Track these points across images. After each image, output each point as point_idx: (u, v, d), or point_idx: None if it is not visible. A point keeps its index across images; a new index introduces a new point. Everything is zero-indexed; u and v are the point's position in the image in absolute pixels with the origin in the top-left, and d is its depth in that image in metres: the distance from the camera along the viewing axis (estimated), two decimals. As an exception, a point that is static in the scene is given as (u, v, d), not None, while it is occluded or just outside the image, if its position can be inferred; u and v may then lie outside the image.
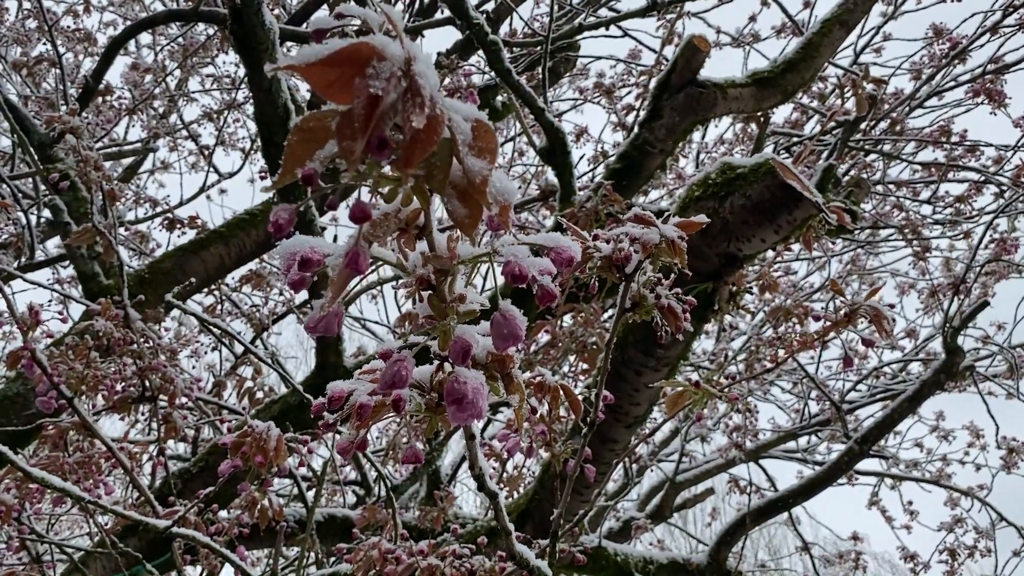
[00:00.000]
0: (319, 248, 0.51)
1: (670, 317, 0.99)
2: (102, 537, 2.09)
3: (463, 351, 0.51)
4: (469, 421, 0.52)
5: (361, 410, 0.59)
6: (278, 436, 1.25)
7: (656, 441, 5.15)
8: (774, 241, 1.36)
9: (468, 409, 0.51)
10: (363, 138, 0.39)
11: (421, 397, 0.66)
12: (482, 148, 0.44)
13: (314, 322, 0.52)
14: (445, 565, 1.30)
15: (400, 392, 0.61)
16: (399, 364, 0.51)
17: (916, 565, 3.97)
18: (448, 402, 0.51)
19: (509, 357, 0.61)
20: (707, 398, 1.26)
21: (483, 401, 0.52)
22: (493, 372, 0.63)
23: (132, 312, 2.04)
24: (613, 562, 2.91)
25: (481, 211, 0.47)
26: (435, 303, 0.57)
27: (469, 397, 0.51)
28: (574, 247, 0.54)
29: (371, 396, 0.61)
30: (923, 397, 3.23)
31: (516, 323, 0.52)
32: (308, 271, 0.51)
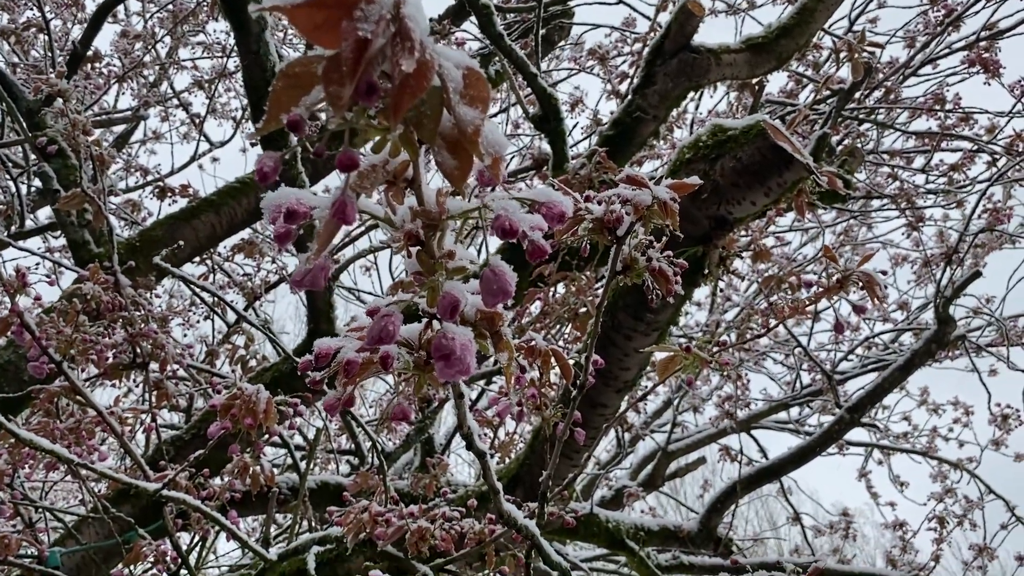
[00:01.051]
0: (305, 200, 0.51)
1: (661, 280, 0.99)
2: (95, 503, 2.10)
3: (451, 306, 0.50)
4: (457, 377, 0.52)
5: (348, 367, 0.58)
6: (268, 399, 1.25)
7: (649, 411, 5.18)
8: (764, 204, 1.35)
9: (456, 365, 0.51)
10: (351, 83, 0.38)
11: (410, 355, 0.65)
12: (474, 97, 0.44)
13: (300, 275, 0.52)
14: (435, 527, 1.31)
15: (388, 349, 0.61)
16: (386, 319, 0.51)
17: (904, 533, 4.01)
18: (436, 358, 0.51)
19: (498, 315, 0.61)
20: (697, 363, 1.26)
21: (471, 357, 0.52)
22: (482, 330, 0.62)
23: (122, 278, 2.03)
24: (605, 529, 2.94)
25: (472, 163, 0.47)
26: (424, 259, 0.56)
27: (457, 353, 0.50)
28: (565, 202, 0.54)
29: (359, 353, 0.61)
30: (914, 366, 3.25)
31: (506, 279, 0.51)
32: (294, 223, 0.51)
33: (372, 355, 0.61)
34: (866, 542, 14.53)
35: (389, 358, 0.59)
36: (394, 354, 0.60)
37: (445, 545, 1.33)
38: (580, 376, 1.29)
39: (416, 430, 2.94)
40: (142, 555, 1.95)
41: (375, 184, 0.49)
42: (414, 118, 0.43)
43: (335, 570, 1.70)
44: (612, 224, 0.97)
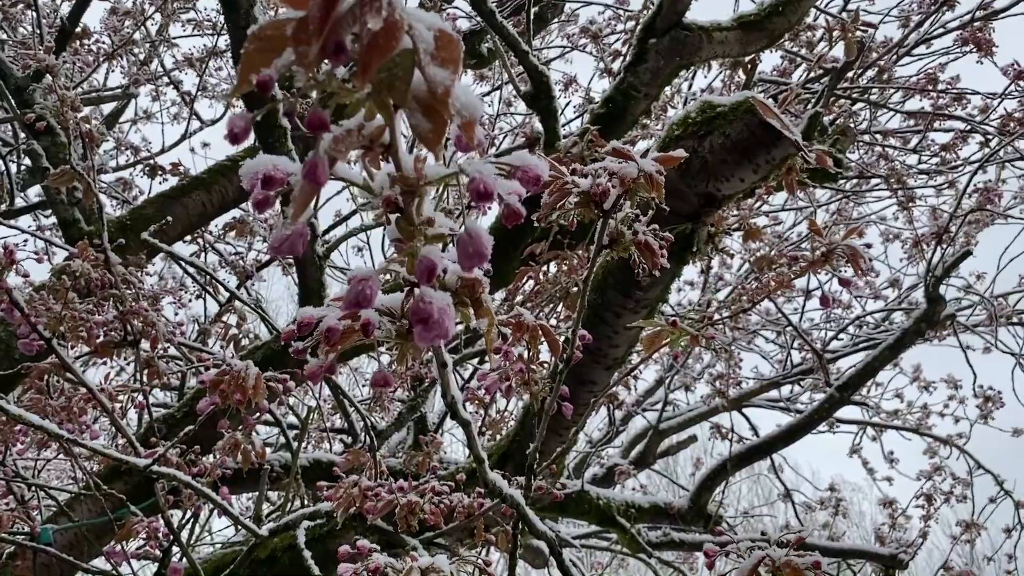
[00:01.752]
0: (282, 167, 0.51)
1: (647, 253, 0.99)
2: (87, 480, 2.10)
3: (428, 271, 0.50)
4: (435, 341, 0.52)
5: (329, 333, 0.59)
6: (257, 375, 1.25)
7: (640, 390, 5.20)
8: (753, 181, 1.36)
9: (434, 329, 0.51)
10: (318, 42, 0.38)
11: (392, 324, 0.66)
12: (445, 59, 0.44)
13: (278, 242, 0.52)
14: (424, 501, 1.32)
15: (369, 316, 0.61)
16: (363, 283, 0.51)
17: (894, 511, 4.05)
18: (414, 322, 0.51)
19: (478, 282, 0.61)
20: (683, 337, 1.26)
21: (449, 322, 0.52)
22: (463, 297, 0.63)
23: (112, 256, 2.02)
24: (596, 506, 2.96)
25: (445, 126, 0.47)
26: (403, 226, 0.56)
27: (435, 317, 0.51)
28: (541, 166, 0.54)
29: (341, 321, 0.61)
30: (904, 346, 3.26)
31: (482, 242, 0.51)
32: (271, 189, 0.51)
33: (354, 323, 0.61)
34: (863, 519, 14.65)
35: (370, 325, 0.59)
36: (375, 321, 0.60)
37: (434, 519, 1.34)
38: (567, 351, 1.29)
39: (408, 408, 2.95)
40: (134, 532, 1.96)
41: (350, 148, 0.49)
42: (386, 80, 0.43)
43: (326, 545, 1.71)
44: (599, 197, 0.97)
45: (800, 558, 0.95)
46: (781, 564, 0.94)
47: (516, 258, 2.46)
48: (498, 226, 2.51)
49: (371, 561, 0.95)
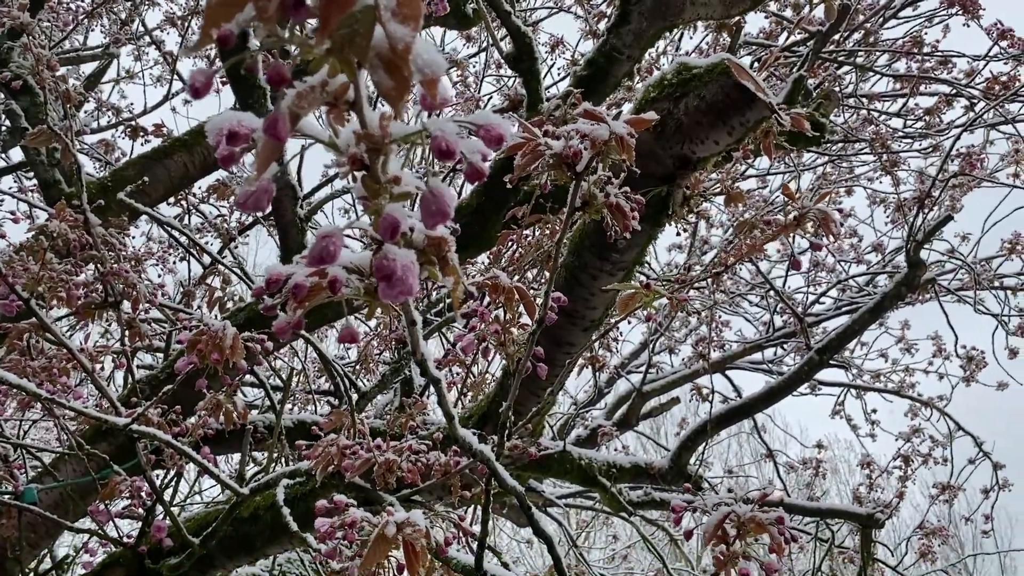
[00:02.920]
0: (247, 122, 0.51)
1: (618, 215, 1.00)
2: (71, 440, 2.11)
3: (391, 227, 0.51)
4: (399, 298, 0.53)
5: (296, 290, 0.59)
6: (234, 334, 1.26)
7: (625, 353, 5.24)
8: (728, 144, 1.36)
9: (398, 285, 0.52)
10: (277, -5, 0.38)
11: (361, 282, 0.66)
12: (406, 15, 0.44)
13: (244, 197, 0.53)
14: (402, 459, 1.33)
15: (336, 273, 0.62)
16: (327, 239, 0.52)
17: (872, 472, 4.12)
18: (378, 278, 0.52)
19: (444, 240, 0.61)
20: (657, 299, 1.28)
21: (413, 278, 0.53)
22: (430, 256, 0.63)
23: (92, 217, 2.02)
24: (577, 466, 2.99)
25: (408, 83, 0.47)
26: (369, 184, 0.57)
27: (398, 273, 0.52)
28: (505, 125, 0.54)
29: (309, 278, 0.62)
30: (884, 309, 3.29)
31: (444, 200, 0.52)
32: (236, 145, 0.51)
33: (321, 280, 0.62)
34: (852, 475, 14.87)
35: (337, 282, 0.60)
36: (342, 278, 0.61)
37: (412, 477, 1.36)
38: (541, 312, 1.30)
39: (392, 370, 2.97)
40: (117, 491, 1.98)
41: (313, 105, 0.49)
42: (347, 36, 0.44)
43: (307, 504, 1.73)
44: (571, 159, 0.98)
45: (765, 514, 0.97)
46: (746, 519, 0.97)
47: (498, 222, 2.46)
48: (480, 191, 2.51)
49: (347, 515, 0.97)
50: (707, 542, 0.99)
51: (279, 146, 0.48)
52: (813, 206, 1.22)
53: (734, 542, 0.99)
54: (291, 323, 0.62)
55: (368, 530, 0.94)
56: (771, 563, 0.96)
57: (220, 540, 2.04)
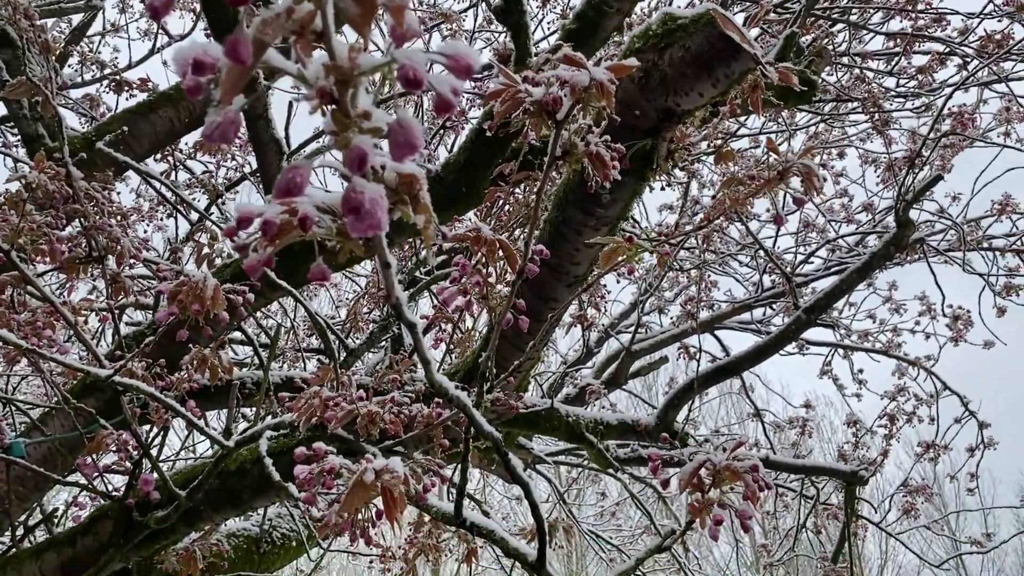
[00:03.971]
0: (212, 51, 0.50)
1: (598, 165, 0.99)
2: (59, 395, 2.11)
3: (359, 159, 0.51)
4: (368, 232, 0.53)
5: (266, 226, 0.59)
6: (215, 285, 1.25)
7: (616, 313, 5.25)
8: (712, 96, 1.35)
9: (366, 219, 0.52)
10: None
11: (334, 222, 0.66)
12: (370, -62, 0.43)
13: (210, 130, 0.52)
14: (384, 411, 1.34)
15: (307, 211, 0.62)
16: (295, 172, 0.51)
17: (858, 431, 4.16)
18: (345, 212, 0.51)
19: (416, 178, 0.61)
20: (639, 253, 1.27)
21: (381, 212, 0.52)
22: (402, 195, 0.63)
23: (74, 171, 2.00)
24: (565, 423, 3.01)
25: (374, 9, 0.46)
26: (338, 117, 0.56)
27: (366, 207, 0.51)
28: (473, 55, 0.53)
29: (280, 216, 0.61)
30: (872, 269, 3.30)
31: (412, 132, 0.51)
32: (202, 75, 0.50)
33: (292, 217, 0.61)
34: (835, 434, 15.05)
35: (308, 219, 0.60)
36: (313, 216, 0.60)
37: (394, 428, 1.36)
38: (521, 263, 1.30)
39: (380, 327, 2.97)
40: (104, 445, 1.98)
41: (279, 32, 0.48)
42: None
43: (292, 456, 1.73)
44: (551, 107, 0.97)
45: (739, 462, 0.98)
46: (721, 468, 0.97)
47: (486, 178, 2.45)
48: (469, 146, 2.49)
49: (326, 463, 0.97)
50: (682, 490, 1.00)
51: (243, 71, 0.47)
52: (796, 160, 1.21)
53: (709, 490, 0.99)
54: (262, 260, 0.61)
55: (347, 477, 0.94)
56: (744, 510, 0.97)
57: (207, 493, 2.05)
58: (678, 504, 6.11)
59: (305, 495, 0.97)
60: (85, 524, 2.18)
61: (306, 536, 3.08)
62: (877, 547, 17.49)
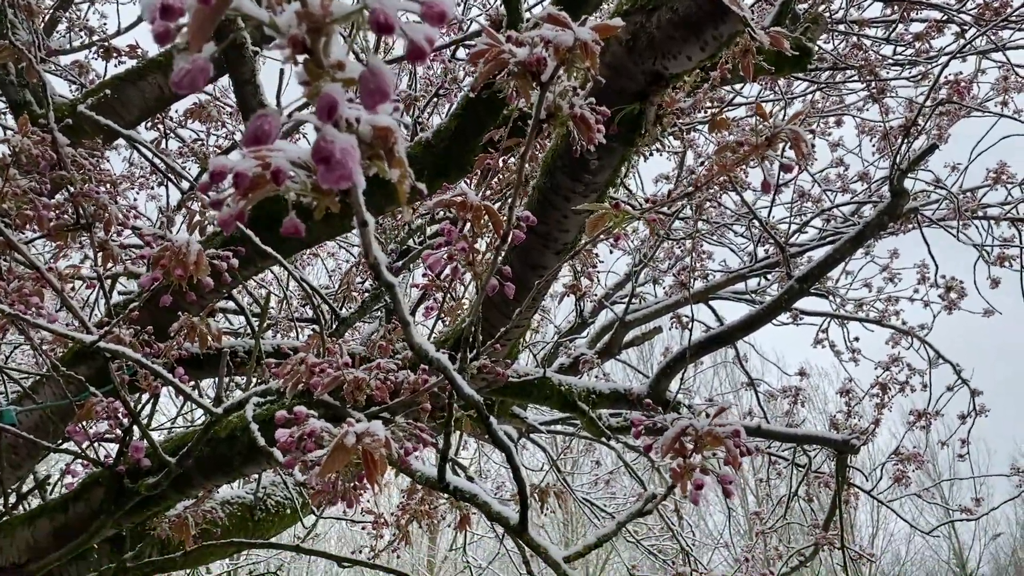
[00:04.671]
0: (181, -5, 0.49)
1: (583, 127, 0.98)
2: (49, 364, 2.11)
3: (328, 107, 0.50)
4: (340, 183, 0.52)
5: (237, 179, 0.58)
6: (199, 250, 1.24)
7: (610, 284, 5.25)
8: (700, 59, 1.33)
9: (337, 169, 0.51)
10: None
11: (309, 177, 0.65)
12: None
13: (179, 76, 0.51)
14: (371, 377, 1.33)
15: (280, 164, 0.61)
16: (263, 119, 0.50)
17: (850, 400, 4.17)
18: (315, 161, 0.50)
19: (390, 130, 0.60)
20: (626, 219, 1.27)
21: (353, 163, 0.51)
22: (377, 149, 0.62)
23: (60, 136, 1.98)
24: (557, 392, 3.02)
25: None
26: (311, 67, 0.55)
27: (336, 156, 0.50)
28: (448, 3, 0.52)
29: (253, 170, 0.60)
30: (866, 238, 3.29)
31: (383, 79, 0.50)
32: (171, 20, 0.49)
33: (265, 171, 0.60)
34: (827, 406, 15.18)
35: (280, 172, 0.59)
36: (285, 169, 0.59)
37: (381, 395, 1.36)
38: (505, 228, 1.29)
39: (371, 296, 2.96)
40: (93, 412, 1.98)
41: (247, -23, 0.47)
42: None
43: (281, 422, 1.73)
44: (535, 67, 0.96)
45: (721, 427, 0.98)
46: (703, 433, 0.97)
47: (478, 146, 2.43)
48: (460, 113, 2.47)
49: (307, 426, 0.97)
50: (663, 454, 1.00)
51: (211, 14, 0.46)
52: (785, 126, 1.20)
53: (691, 455, 0.99)
54: (234, 215, 0.60)
55: (329, 440, 0.94)
56: (726, 475, 0.97)
57: (198, 460, 2.06)
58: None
59: (287, 459, 0.97)
60: (77, 491, 2.19)
61: (300, 504, 3.10)
62: (869, 516, 17.68)
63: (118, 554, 2.40)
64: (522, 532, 1.02)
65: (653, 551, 5.01)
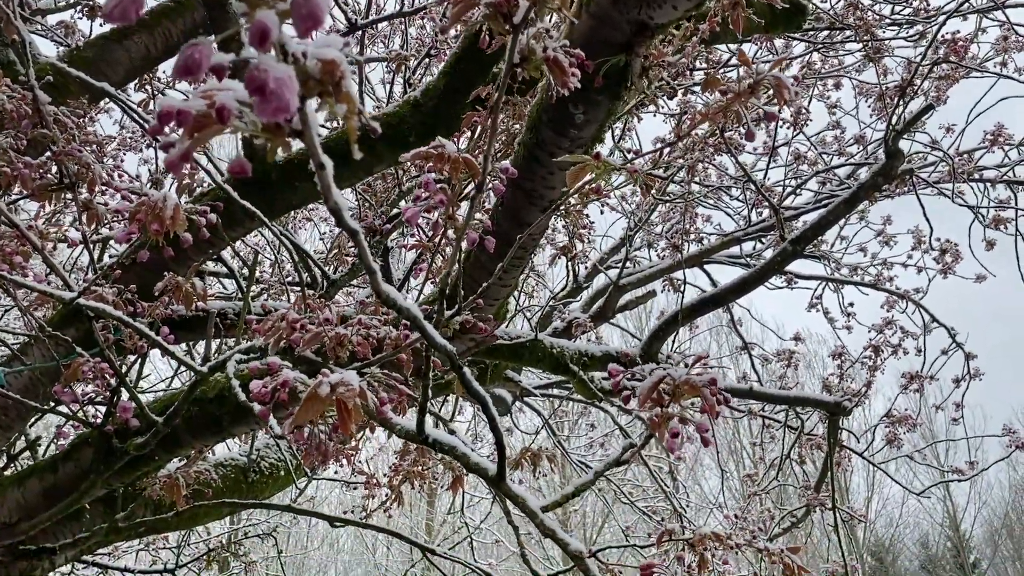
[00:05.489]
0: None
1: (556, 71, 0.96)
2: (35, 324, 2.10)
3: (259, 33, 0.48)
4: (276, 115, 0.50)
5: (181, 116, 0.56)
6: (175, 205, 1.23)
7: (606, 248, 5.23)
8: (687, 8, 1.30)
9: (272, 100, 0.49)
10: None
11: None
12: None
13: (109, 8, 0.49)
14: (352, 334, 1.33)
15: (225, 101, 0.59)
16: (193, 48, 0.48)
17: (843, 363, 4.18)
18: (250, 92, 0.49)
19: (336, 64, 0.58)
20: (608, 171, 1.25)
21: (290, 94, 0.50)
22: (326, 85, 0.60)
23: (41, 94, 1.96)
24: (549, 354, 3.02)
25: None
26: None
27: (271, 86, 0.49)
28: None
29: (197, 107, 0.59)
30: (860, 199, 3.27)
31: (316, 3, 0.49)
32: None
33: (211, 108, 0.59)
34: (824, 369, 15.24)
35: (225, 110, 0.57)
36: (231, 107, 0.58)
37: (363, 350, 1.35)
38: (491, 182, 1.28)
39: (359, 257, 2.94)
40: (80, 372, 1.98)
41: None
42: None
43: (266, 381, 1.73)
44: (505, 8, 0.94)
45: (698, 376, 0.97)
46: (680, 382, 0.97)
47: (465, 104, 2.41)
48: (449, 71, 2.44)
49: (281, 376, 0.96)
50: (641, 404, 0.99)
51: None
52: (768, 72, 1.18)
53: (669, 404, 0.99)
54: (179, 154, 0.59)
55: (303, 391, 0.94)
56: (701, 423, 0.96)
57: (186, 420, 2.06)
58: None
59: (260, 409, 0.96)
60: (66, 451, 2.19)
61: (294, 466, 3.11)
62: (864, 480, 17.83)
63: (111, 514, 2.41)
64: (500, 483, 1.02)
65: (648, 512, 5.05)
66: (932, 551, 19.07)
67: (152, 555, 4.38)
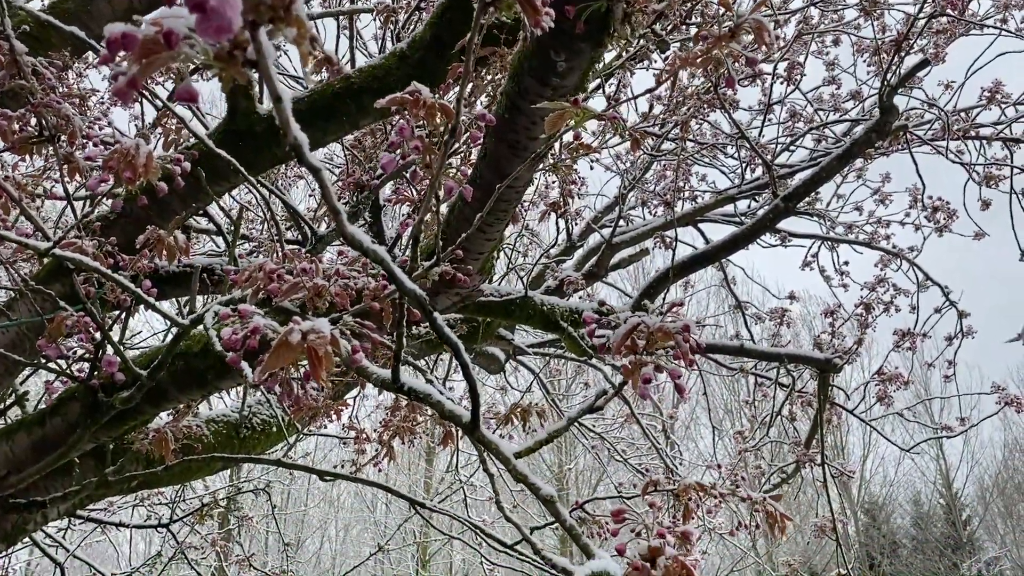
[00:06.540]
0: None
1: (528, 8, 0.94)
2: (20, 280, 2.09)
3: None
4: (219, 35, 0.49)
5: (125, 40, 0.55)
6: (148, 153, 1.21)
7: (600, 207, 5.21)
8: (669, -51, 1.28)
9: (213, 18, 0.48)
10: None
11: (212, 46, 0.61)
12: None
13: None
14: (330, 284, 1.32)
15: (173, 27, 0.57)
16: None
17: (835, 320, 4.17)
18: (190, 9, 0.47)
19: (285, -11, 0.56)
20: (587, 117, 1.23)
21: (232, 12, 0.48)
22: (276, 8, 0.58)
23: (18, 44, 1.92)
24: (540, 311, 3.02)
25: None
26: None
27: (211, 3, 0.47)
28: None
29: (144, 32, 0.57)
30: (853, 156, 3.25)
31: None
32: None
33: (158, 35, 0.57)
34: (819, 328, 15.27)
35: (172, 35, 0.55)
36: (179, 32, 0.56)
37: (342, 301, 1.34)
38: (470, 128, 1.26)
39: (350, 214, 2.93)
40: (64, 327, 1.97)
41: None
42: None
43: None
44: (478, -55, 0.91)
45: (672, 323, 0.96)
46: (654, 330, 0.96)
47: (452, 55, 2.37)
48: (436, 22, 2.40)
49: (251, 322, 0.95)
50: (615, 351, 0.99)
51: None
52: (748, 15, 1.15)
53: (643, 352, 0.98)
54: (127, 80, 0.57)
55: (274, 338, 0.93)
56: (675, 369, 0.95)
57: (172, 373, 2.06)
58: (659, 396, 6.20)
59: (231, 356, 0.95)
60: (54, 405, 2.19)
61: (286, 422, 3.12)
62: (859, 439, 17.99)
63: (101, 468, 2.42)
64: (473, 430, 1.01)
65: (640, 469, 5.08)
66: (924, 508, 19.31)
67: (148, 510, 4.41)
